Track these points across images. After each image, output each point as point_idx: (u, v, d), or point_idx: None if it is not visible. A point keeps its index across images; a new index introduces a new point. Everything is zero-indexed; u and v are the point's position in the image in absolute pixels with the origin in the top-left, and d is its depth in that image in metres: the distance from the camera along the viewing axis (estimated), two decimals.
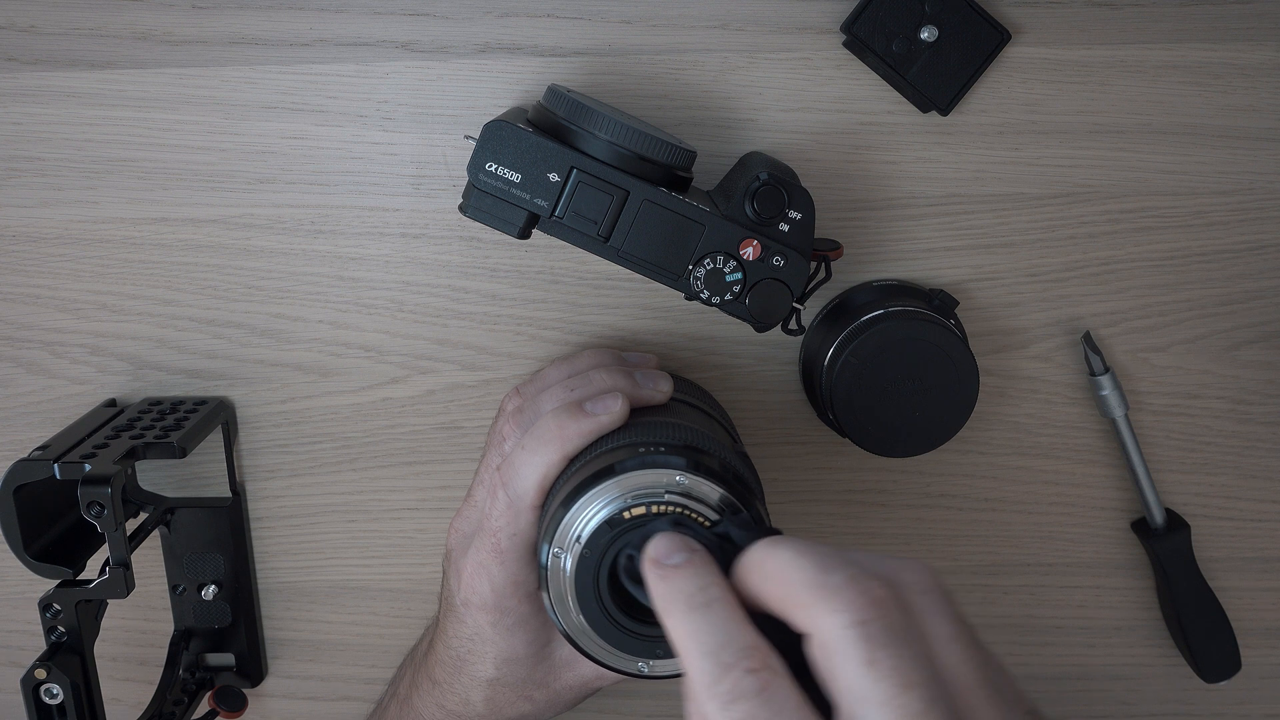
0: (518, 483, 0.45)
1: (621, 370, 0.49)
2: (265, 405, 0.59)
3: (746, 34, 0.55)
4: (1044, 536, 0.61)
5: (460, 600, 0.48)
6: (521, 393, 0.51)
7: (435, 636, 0.51)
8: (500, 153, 0.48)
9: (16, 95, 0.56)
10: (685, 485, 0.41)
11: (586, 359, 0.52)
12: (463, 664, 0.49)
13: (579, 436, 0.45)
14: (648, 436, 0.44)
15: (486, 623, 0.47)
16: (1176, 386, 0.59)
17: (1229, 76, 0.56)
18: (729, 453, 0.45)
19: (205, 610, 0.60)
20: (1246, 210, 0.57)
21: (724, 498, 0.41)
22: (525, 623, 0.47)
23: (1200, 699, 0.63)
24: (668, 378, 0.50)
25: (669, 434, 0.44)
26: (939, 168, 0.57)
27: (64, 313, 0.58)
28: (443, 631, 0.50)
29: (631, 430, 0.45)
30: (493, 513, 0.46)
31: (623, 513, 0.41)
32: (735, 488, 0.42)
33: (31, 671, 0.50)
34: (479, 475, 0.50)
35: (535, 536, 0.45)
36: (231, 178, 0.57)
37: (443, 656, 0.50)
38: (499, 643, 0.47)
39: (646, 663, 0.42)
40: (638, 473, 0.41)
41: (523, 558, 0.46)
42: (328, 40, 0.55)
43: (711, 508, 0.41)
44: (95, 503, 0.49)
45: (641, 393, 0.48)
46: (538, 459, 0.45)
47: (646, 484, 0.41)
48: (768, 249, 0.49)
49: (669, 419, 0.47)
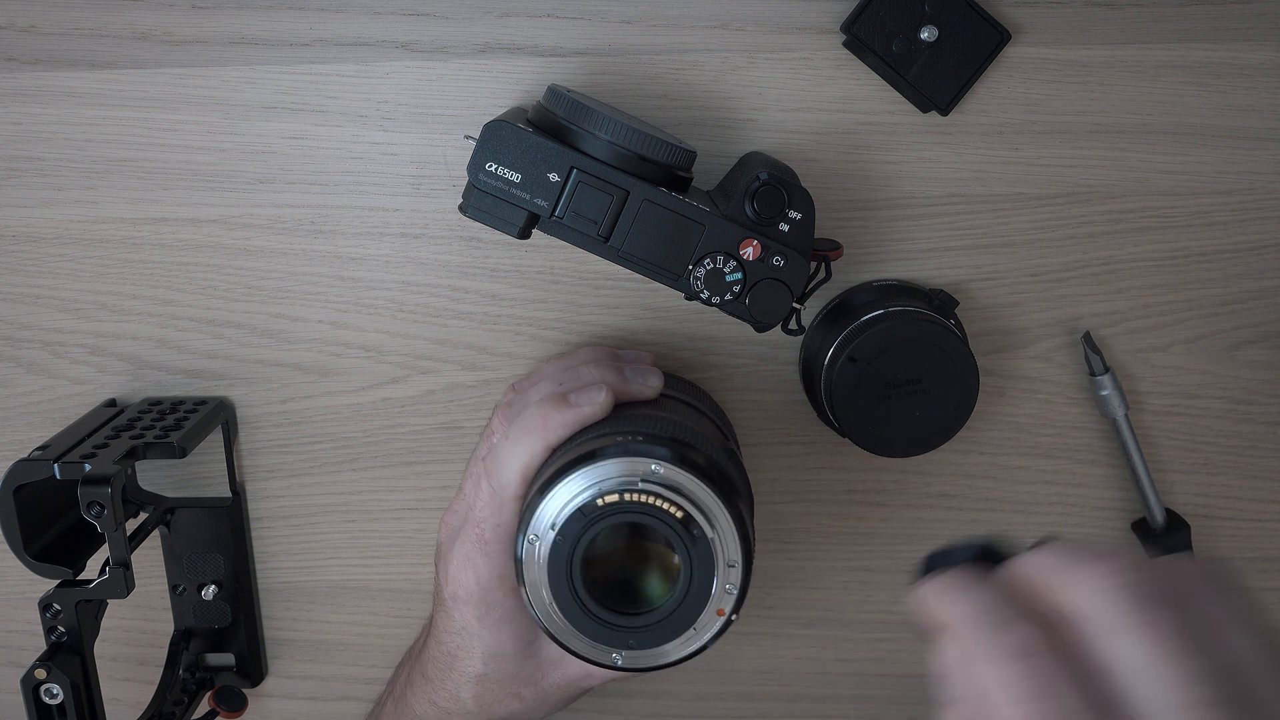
0: (501, 473, 0.46)
1: (610, 364, 0.49)
2: (265, 405, 0.59)
3: (746, 34, 0.55)
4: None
5: (448, 594, 0.48)
6: (515, 388, 0.51)
7: (428, 633, 0.52)
8: (500, 153, 0.48)
9: (16, 95, 0.56)
10: (662, 475, 0.41)
11: (581, 355, 0.52)
12: (453, 660, 0.49)
13: (561, 427, 0.45)
14: (630, 427, 0.44)
15: (473, 617, 0.47)
16: (1176, 386, 0.59)
17: (1229, 76, 0.56)
18: (714, 447, 0.45)
19: (205, 610, 0.60)
20: (1246, 210, 0.57)
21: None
22: (511, 618, 0.47)
23: None
24: (658, 373, 0.50)
25: (652, 425, 0.45)
26: (939, 168, 0.57)
27: (64, 313, 0.58)
28: (434, 628, 0.50)
29: (614, 421, 0.45)
30: (477, 503, 0.47)
31: (596, 499, 0.41)
32: (715, 480, 0.42)
33: (31, 671, 0.50)
34: (468, 469, 0.51)
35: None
36: (231, 178, 0.57)
37: (434, 653, 0.50)
38: (486, 638, 0.48)
39: (619, 653, 0.43)
40: (615, 460, 0.41)
41: (507, 549, 0.46)
42: (328, 40, 0.55)
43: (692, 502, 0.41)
44: (95, 503, 0.49)
45: (630, 387, 0.48)
46: (520, 448, 0.45)
47: (622, 472, 0.41)
48: (768, 249, 0.49)
49: (655, 412, 0.47)
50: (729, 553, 0.42)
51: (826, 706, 0.63)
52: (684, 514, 0.41)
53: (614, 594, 0.42)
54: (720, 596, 0.42)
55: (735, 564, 0.42)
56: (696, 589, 0.42)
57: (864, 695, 0.63)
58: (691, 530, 0.41)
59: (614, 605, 0.42)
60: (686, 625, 0.42)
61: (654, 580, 0.44)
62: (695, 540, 0.41)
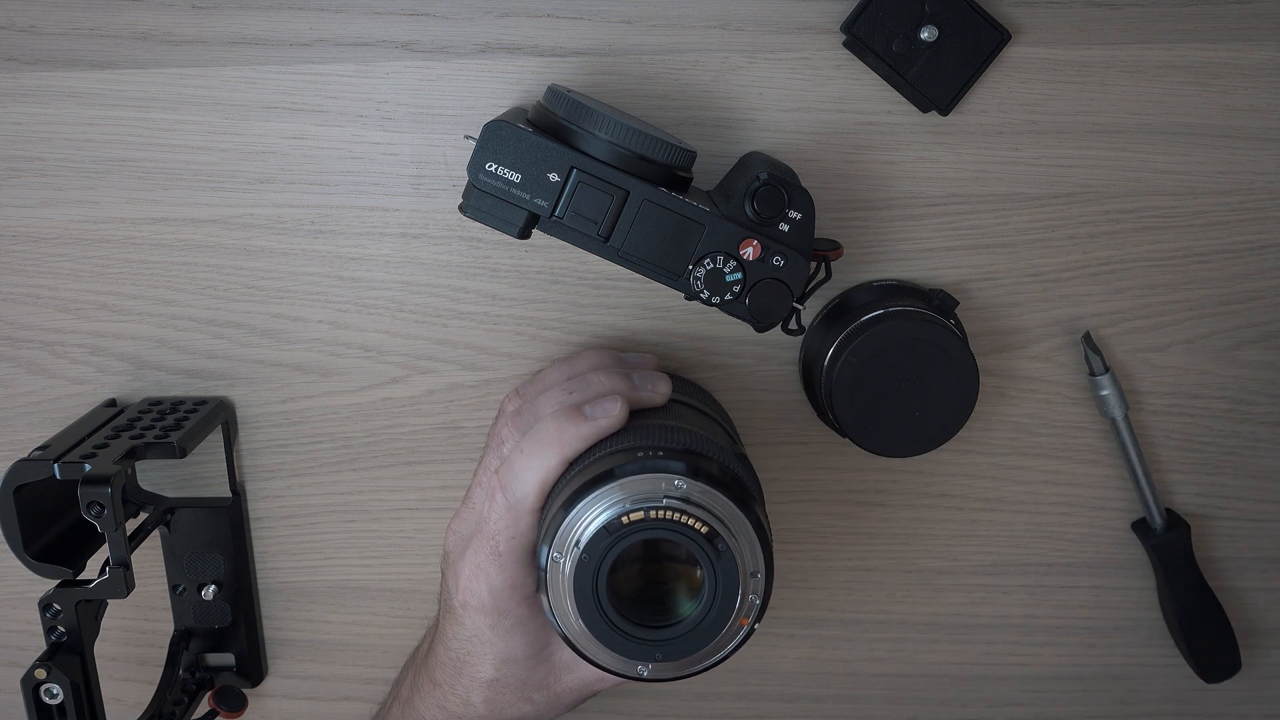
0: (517, 486, 0.45)
1: (620, 373, 0.49)
2: (265, 405, 0.59)
3: (746, 34, 0.55)
4: (1044, 536, 0.61)
5: (459, 603, 0.48)
6: (521, 394, 0.51)
7: (435, 638, 0.51)
8: (500, 153, 0.48)
9: (16, 95, 0.56)
10: (684, 490, 0.41)
11: (586, 360, 0.52)
12: (462, 665, 0.49)
13: (578, 440, 0.45)
14: (647, 440, 0.44)
15: (485, 625, 0.47)
16: (1176, 386, 0.59)
17: (1229, 76, 0.56)
18: (728, 455, 0.45)
19: (205, 610, 0.60)
20: (1246, 210, 0.57)
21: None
22: (524, 625, 0.47)
23: (1200, 699, 0.63)
24: (666, 379, 0.50)
25: (668, 438, 0.45)
26: (939, 168, 0.57)
27: (64, 313, 0.58)
28: (442, 634, 0.50)
29: (631, 434, 0.45)
30: (491, 516, 0.46)
31: (621, 517, 0.41)
32: (734, 491, 0.42)
33: (31, 671, 0.50)
34: (477, 477, 0.50)
35: (534, 539, 0.45)
36: (231, 178, 0.57)
37: (442, 658, 0.50)
38: (498, 644, 0.47)
39: (646, 665, 0.43)
40: (637, 477, 0.41)
41: (521, 560, 0.46)
42: (328, 40, 0.55)
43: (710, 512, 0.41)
44: (95, 503, 0.49)
45: (640, 395, 0.48)
46: (537, 463, 0.45)
47: (645, 489, 0.41)
48: (768, 249, 0.49)
49: (668, 421, 0.47)
50: (751, 562, 0.42)
51: (826, 706, 0.63)
52: (708, 529, 0.41)
53: (639, 607, 0.43)
54: (745, 607, 0.42)
55: (758, 573, 0.42)
56: (722, 601, 0.42)
57: (864, 695, 0.63)
58: (716, 545, 0.41)
59: (639, 619, 0.42)
60: (712, 636, 0.42)
61: (678, 591, 0.44)
62: (720, 555, 0.41)
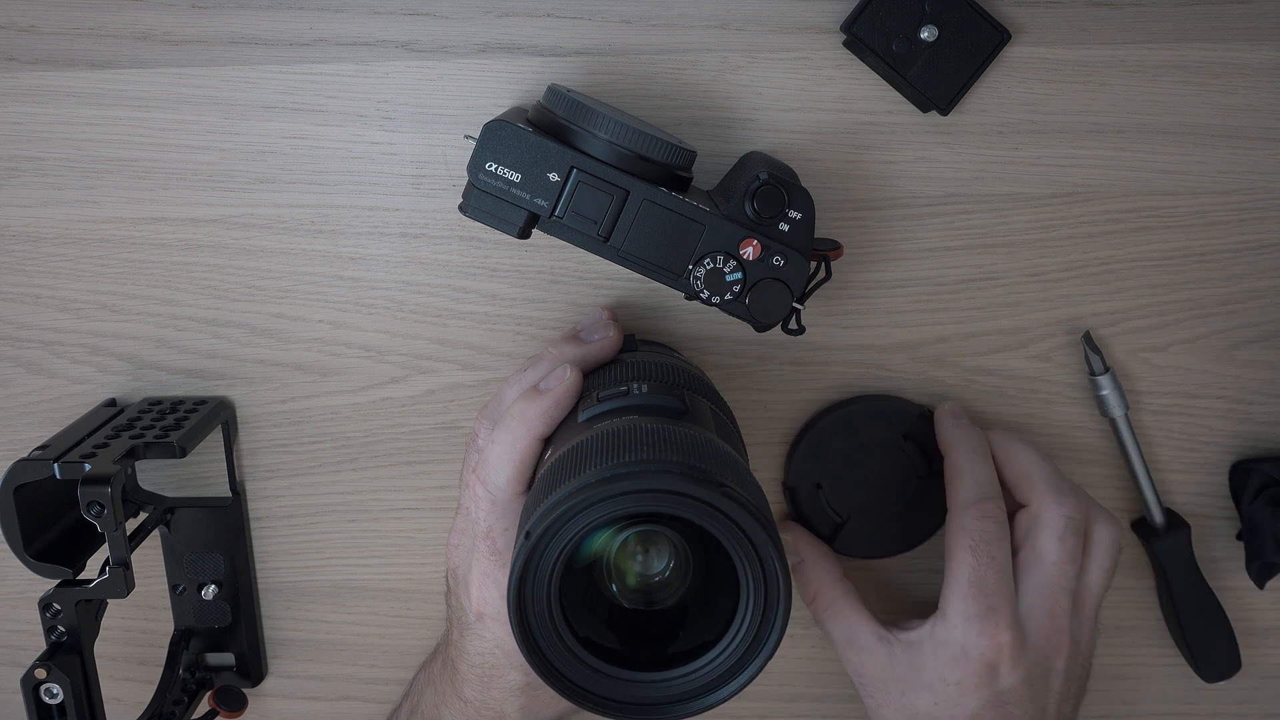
0: (494, 476, 0.46)
1: (569, 340, 0.50)
2: (265, 405, 0.59)
3: (746, 34, 0.55)
4: None
5: (474, 615, 0.47)
6: (485, 413, 0.51)
7: (455, 655, 0.50)
8: (500, 152, 0.48)
9: (16, 95, 0.56)
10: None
11: (546, 352, 0.51)
12: (490, 678, 0.48)
13: (541, 416, 0.46)
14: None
15: (505, 632, 0.47)
16: (1176, 386, 0.59)
17: (1229, 76, 0.56)
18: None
19: (205, 610, 0.60)
20: (1246, 210, 0.57)
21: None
22: None
23: (1200, 699, 0.63)
24: (615, 325, 0.51)
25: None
26: (939, 168, 0.57)
27: (64, 313, 0.58)
28: (462, 650, 0.49)
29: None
30: (479, 513, 0.46)
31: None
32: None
33: (31, 671, 0.51)
34: (462, 481, 0.50)
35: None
36: (231, 178, 0.57)
37: (468, 675, 0.49)
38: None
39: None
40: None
41: None
42: (328, 40, 0.55)
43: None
44: (95, 502, 0.49)
45: (591, 351, 0.50)
46: (507, 448, 0.46)
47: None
48: (768, 249, 0.49)
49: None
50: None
51: (826, 706, 0.63)
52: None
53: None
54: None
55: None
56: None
57: None
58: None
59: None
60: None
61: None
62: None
